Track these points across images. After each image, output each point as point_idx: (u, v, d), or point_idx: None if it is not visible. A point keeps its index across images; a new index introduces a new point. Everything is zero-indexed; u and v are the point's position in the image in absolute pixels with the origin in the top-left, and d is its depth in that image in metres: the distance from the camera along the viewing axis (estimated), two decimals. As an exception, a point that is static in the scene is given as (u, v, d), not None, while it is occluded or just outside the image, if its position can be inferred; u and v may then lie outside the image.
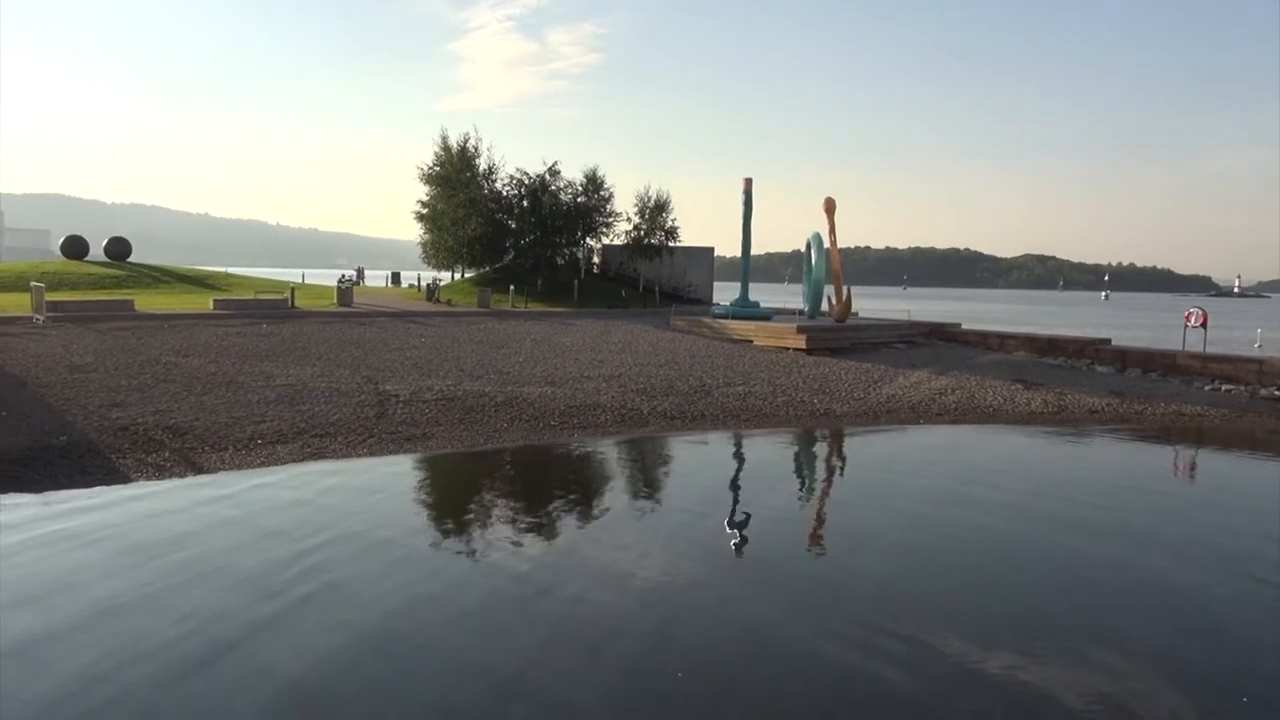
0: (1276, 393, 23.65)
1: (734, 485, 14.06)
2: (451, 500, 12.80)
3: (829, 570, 9.83)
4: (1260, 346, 39.93)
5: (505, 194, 50.69)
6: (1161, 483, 15.19)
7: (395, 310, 36.37)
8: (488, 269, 52.53)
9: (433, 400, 18.19)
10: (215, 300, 33.50)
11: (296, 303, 35.38)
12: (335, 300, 38.04)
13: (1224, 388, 24.68)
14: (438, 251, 50.34)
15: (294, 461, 13.51)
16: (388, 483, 12.99)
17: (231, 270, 61.12)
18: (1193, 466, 16.84)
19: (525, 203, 50.20)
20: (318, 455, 13.94)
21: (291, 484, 12.35)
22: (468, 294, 45.45)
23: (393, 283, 59.40)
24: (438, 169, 49.87)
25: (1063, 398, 22.28)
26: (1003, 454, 17.11)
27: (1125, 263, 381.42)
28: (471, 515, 11.76)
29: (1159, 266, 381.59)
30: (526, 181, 50.29)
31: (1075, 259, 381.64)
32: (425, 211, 50.63)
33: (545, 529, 10.93)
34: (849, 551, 10.49)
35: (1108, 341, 31.96)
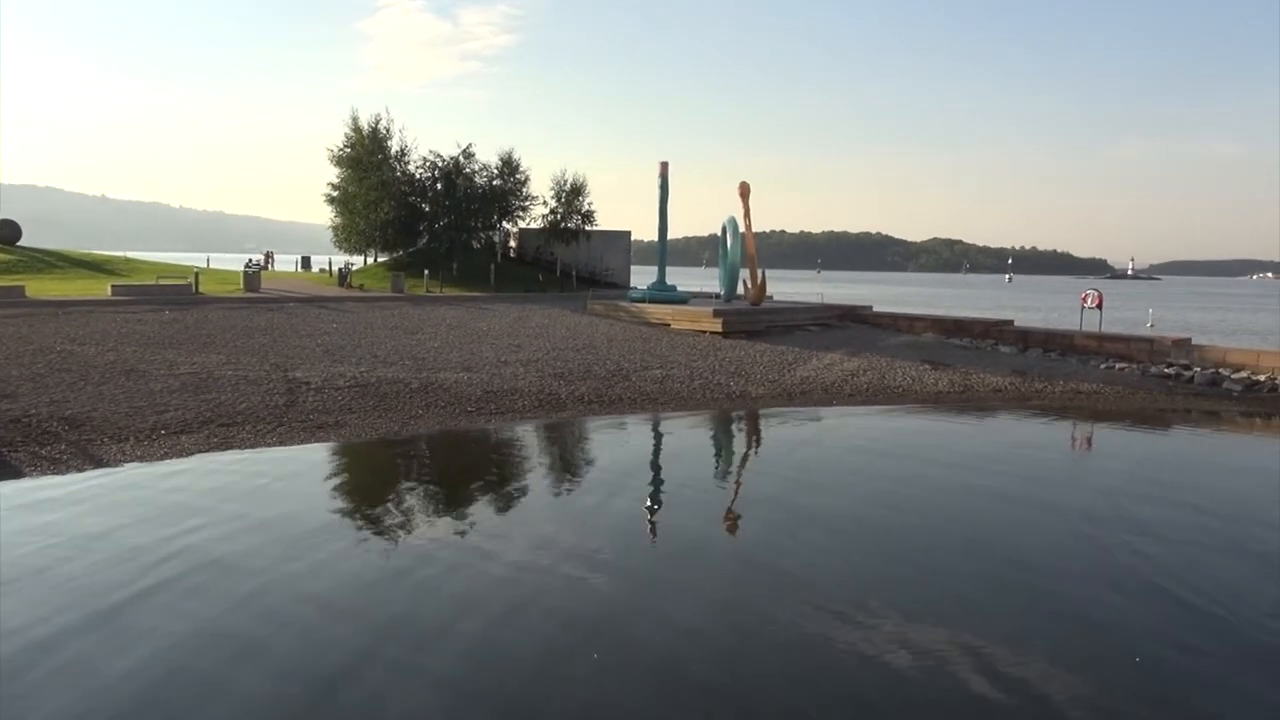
0: (1166, 370, 24.86)
1: (651, 468, 14.17)
2: (362, 487, 12.56)
3: (747, 550, 10.01)
4: (1152, 326, 41.92)
5: (418, 176, 49.90)
6: (1060, 454, 15.90)
7: (305, 295, 35.49)
8: (401, 253, 51.65)
9: (345, 387, 17.83)
10: (114, 286, 32.19)
11: (201, 288, 34.24)
12: (242, 285, 36.91)
13: (1118, 366, 25.82)
14: (349, 235, 49.30)
15: (200, 452, 13.10)
16: (295, 470, 12.69)
17: (131, 255, 58.57)
18: (1089, 439, 17.62)
19: (439, 185, 49.50)
20: (225, 445, 13.54)
21: (196, 473, 11.98)
22: (381, 279, 44.62)
23: (303, 267, 57.93)
24: (348, 151, 48.77)
25: (968, 378, 23.02)
26: (907, 432, 17.63)
27: (1028, 246, 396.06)
28: (382, 501, 11.55)
29: (1059, 250, 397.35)
30: (440, 164, 49.59)
31: (981, 243, 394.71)
32: (336, 194, 49.51)
33: (458, 514, 10.84)
34: (765, 533, 10.69)
35: (1010, 323, 33.12)
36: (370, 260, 53.61)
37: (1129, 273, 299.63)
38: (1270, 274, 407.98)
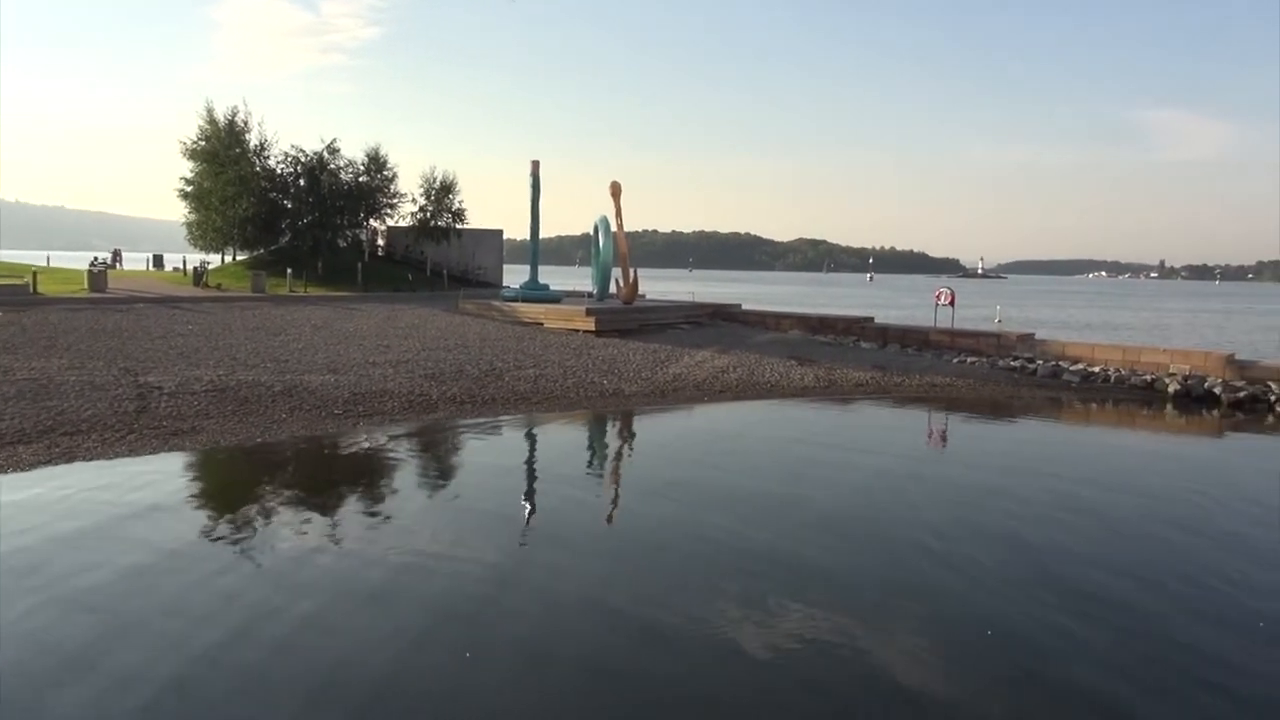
0: (1013, 363, 26.44)
1: (524, 467, 14.13)
2: (217, 496, 12.04)
3: (618, 546, 10.13)
4: (999, 322, 44.42)
5: (280, 172, 48.01)
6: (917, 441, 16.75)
7: (157, 296, 33.68)
8: (262, 251, 49.59)
9: (202, 391, 17.05)
10: (-62, 286, 29.74)
11: (39, 288, 32.02)
12: (87, 285, 34.70)
13: (969, 360, 27.30)
14: (205, 232, 46.94)
15: (41, 464, 12.27)
16: (145, 480, 12.05)
17: (-42, 252, 54.21)
18: (944, 429, 18.60)
19: (302, 181, 47.77)
20: (68, 456, 12.73)
21: (33, 486, 11.23)
22: (240, 278, 42.76)
23: (155, 266, 54.91)
24: (203, 144, 46.45)
25: (832, 372, 23.88)
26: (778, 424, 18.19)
27: (887, 246, 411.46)
28: (238, 511, 11.11)
29: (916, 250, 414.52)
30: (303, 159, 47.87)
31: (844, 243, 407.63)
32: (190, 189, 47.06)
33: (319, 521, 10.54)
34: (639, 527, 10.84)
35: (871, 320, 34.49)
36: (228, 259, 51.28)
37: (979, 271, 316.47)
38: (1104, 272, 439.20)
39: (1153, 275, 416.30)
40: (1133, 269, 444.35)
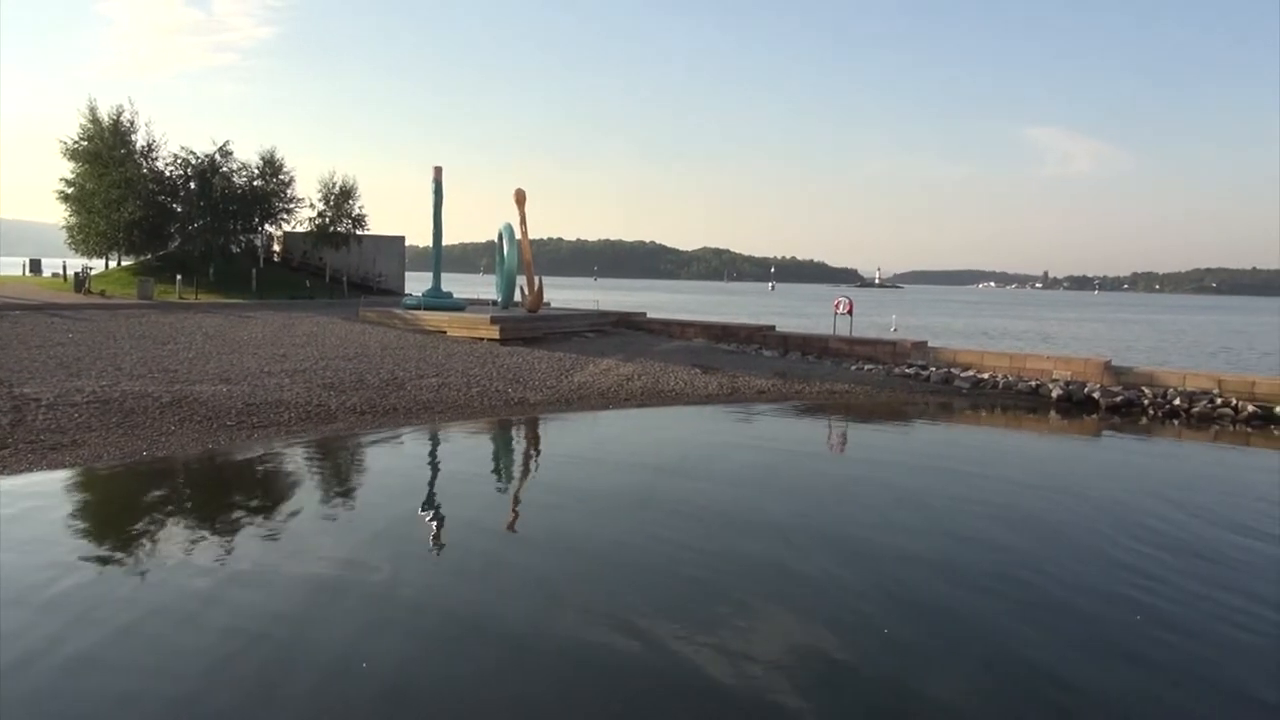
0: (908, 370, 27.31)
1: (427, 479, 13.92)
2: (99, 514, 11.49)
3: (527, 556, 10.08)
4: (895, 330, 45.83)
5: (169, 174, 46.25)
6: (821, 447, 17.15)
7: (35, 303, 31.99)
8: (149, 257, 47.64)
9: (83, 403, 16.25)
10: None
11: (-99, 294, 30.05)
12: (-46, 291, 32.71)
13: (867, 367, 28.08)
14: (87, 236, 44.86)
15: (-97, 481, 11.51)
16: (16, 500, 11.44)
17: None
18: (845, 435, 19.10)
19: (192, 184, 46.12)
20: (-65, 472, 11.97)
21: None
22: (126, 284, 40.97)
23: (32, 271, 52.17)
24: (85, 143, 44.42)
25: (735, 380, 24.25)
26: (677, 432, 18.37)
27: (789, 256, 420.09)
28: (118, 530, 10.64)
29: (816, 260, 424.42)
30: (194, 161, 46.22)
31: (747, 253, 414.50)
32: (71, 191, 44.91)
33: (209, 539, 10.17)
34: (544, 537, 10.81)
35: (773, 328, 35.14)
36: (113, 264, 49.09)
37: (876, 281, 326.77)
38: (993, 283, 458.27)
39: (1037, 285, 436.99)
40: (1019, 279, 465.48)
